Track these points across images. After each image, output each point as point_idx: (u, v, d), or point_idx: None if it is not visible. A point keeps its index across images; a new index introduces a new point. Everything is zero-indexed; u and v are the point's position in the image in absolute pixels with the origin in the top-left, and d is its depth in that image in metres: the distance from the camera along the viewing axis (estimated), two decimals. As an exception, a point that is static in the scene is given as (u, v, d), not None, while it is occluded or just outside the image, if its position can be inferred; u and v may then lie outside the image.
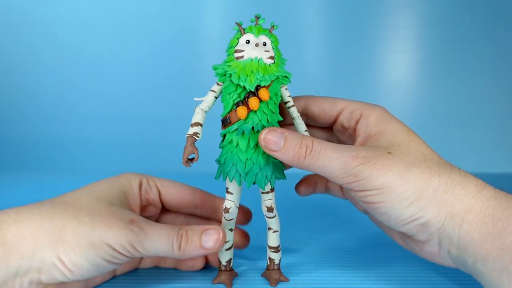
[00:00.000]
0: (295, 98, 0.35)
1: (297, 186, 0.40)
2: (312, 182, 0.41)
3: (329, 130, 0.38)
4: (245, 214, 0.39)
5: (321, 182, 0.40)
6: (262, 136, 0.30)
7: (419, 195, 0.29)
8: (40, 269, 0.29)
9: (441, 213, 0.29)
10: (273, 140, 0.30)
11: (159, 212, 0.39)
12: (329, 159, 0.29)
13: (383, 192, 0.29)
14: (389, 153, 0.30)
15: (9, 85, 0.89)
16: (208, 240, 0.32)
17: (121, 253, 0.30)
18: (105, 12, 0.87)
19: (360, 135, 0.34)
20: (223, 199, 0.34)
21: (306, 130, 0.34)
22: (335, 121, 0.36)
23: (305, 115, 0.36)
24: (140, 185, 0.37)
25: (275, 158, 0.32)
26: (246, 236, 0.39)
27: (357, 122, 0.34)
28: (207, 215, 0.38)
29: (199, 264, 0.37)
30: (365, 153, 0.30)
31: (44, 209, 0.30)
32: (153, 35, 0.87)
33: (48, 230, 0.29)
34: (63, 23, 0.87)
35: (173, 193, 0.37)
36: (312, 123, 0.37)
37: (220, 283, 0.35)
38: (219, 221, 0.36)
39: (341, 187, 0.39)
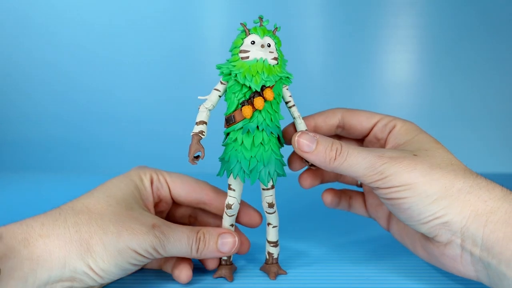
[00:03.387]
0: (331, 110, 0.37)
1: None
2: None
3: (361, 141, 0.39)
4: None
5: (345, 199, 0.40)
6: (295, 138, 0.32)
7: (443, 193, 0.29)
8: (72, 277, 0.30)
9: (465, 212, 0.29)
10: (306, 143, 0.32)
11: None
12: (356, 159, 0.31)
13: (407, 188, 0.30)
14: (415, 155, 0.31)
15: (9, 85, 0.88)
16: (224, 244, 0.34)
17: (145, 257, 0.32)
18: (108, 12, 0.86)
19: (390, 143, 0.35)
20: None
21: (306, 130, 0.35)
22: (368, 133, 0.37)
23: (341, 127, 0.37)
24: (152, 183, 0.37)
25: (277, 156, 0.33)
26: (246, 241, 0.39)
27: (389, 133, 0.36)
28: (214, 212, 0.38)
29: (214, 264, 0.37)
30: (391, 154, 0.31)
31: (69, 220, 0.31)
32: (155, 34, 0.87)
33: (76, 242, 0.30)
34: (64, 23, 0.86)
35: (181, 190, 0.38)
36: (346, 135, 0.38)
37: (221, 277, 0.36)
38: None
39: (365, 204, 0.40)
